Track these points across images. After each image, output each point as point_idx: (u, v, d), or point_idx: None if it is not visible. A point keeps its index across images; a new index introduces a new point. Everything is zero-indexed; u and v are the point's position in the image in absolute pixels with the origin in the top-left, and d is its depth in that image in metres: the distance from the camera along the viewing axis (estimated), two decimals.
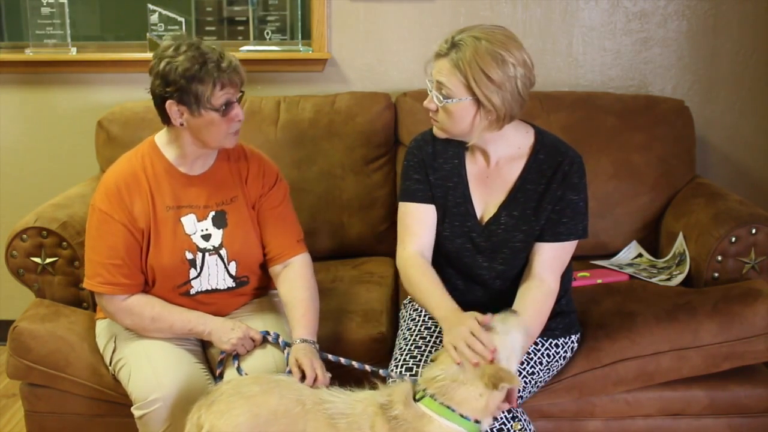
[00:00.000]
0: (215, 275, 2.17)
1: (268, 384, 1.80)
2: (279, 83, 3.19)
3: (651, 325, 2.30)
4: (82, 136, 3.14)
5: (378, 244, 2.93)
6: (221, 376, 2.09)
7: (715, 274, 2.51)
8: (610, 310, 2.39)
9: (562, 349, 2.18)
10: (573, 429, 2.35)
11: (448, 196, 2.10)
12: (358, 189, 2.91)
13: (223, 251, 2.16)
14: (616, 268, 2.73)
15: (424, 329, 2.17)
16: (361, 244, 2.94)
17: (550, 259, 2.04)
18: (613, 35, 3.15)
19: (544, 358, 2.12)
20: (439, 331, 2.09)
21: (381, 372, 1.96)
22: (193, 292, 2.16)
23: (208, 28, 3.42)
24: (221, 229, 2.16)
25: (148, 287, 2.16)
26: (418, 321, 2.21)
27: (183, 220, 2.13)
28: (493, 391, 1.70)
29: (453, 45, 1.93)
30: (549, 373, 2.16)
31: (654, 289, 2.53)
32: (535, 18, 3.14)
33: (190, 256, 2.13)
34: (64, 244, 2.44)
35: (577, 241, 2.07)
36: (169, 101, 2.02)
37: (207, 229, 2.15)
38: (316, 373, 1.92)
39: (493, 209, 2.08)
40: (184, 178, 2.15)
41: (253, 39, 3.28)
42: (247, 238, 2.19)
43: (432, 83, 1.99)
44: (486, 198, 2.09)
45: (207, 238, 2.15)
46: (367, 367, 2.01)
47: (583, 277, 2.65)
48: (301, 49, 3.20)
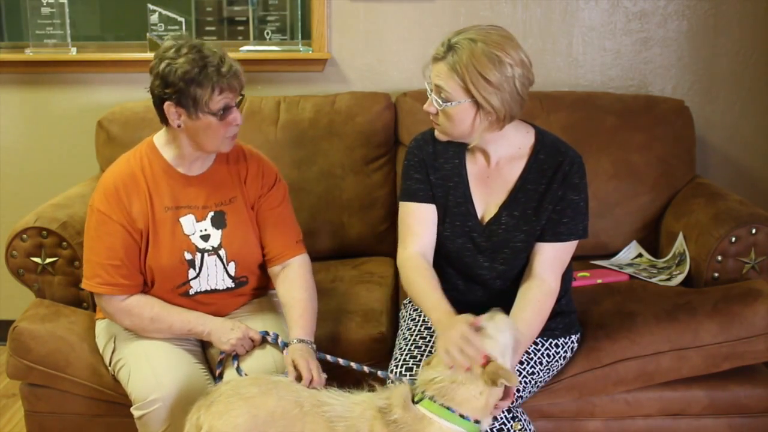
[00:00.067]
0: (214, 276, 2.17)
1: (267, 385, 1.80)
2: (279, 83, 3.19)
3: (651, 325, 2.30)
4: (82, 136, 3.14)
5: (378, 244, 2.93)
6: (221, 376, 2.08)
7: (715, 274, 2.51)
8: (610, 310, 2.38)
9: (562, 349, 2.18)
10: (573, 429, 2.35)
11: (449, 195, 2.09)
12: (358, 189, 2.91)
13: (222, 252, 2.16)
14: (616, 268, 2.73)
15: (424, 329, 2.17)
16: (361, 244, 2.93)
17: (551, 258, 2.04)
18: (613, 35, 3.15)
19: (544, 358, 2.12)
20: None
21: (380, 373, 1.96)
22: (192, 292, 2.16)
23: (208, 28, 3.42)
24: (220, 230, 2.16)
25: (147, 288, 2.15)
26: (418, 321, 2.21)
27: (182, 220, 2.13)
28: (492, 389, 1.71)
29: (449, 48, 1.93)
30: (549, 373, 2.16)
31: (654, 289, 2.53)
32: (535, 18, 3.14)
33: (189, 256, 2.13)
34: (64, 244, 2.44)
35: (578, 241, 2.07)
36: (167, 102, 2.02)
37: (206, 230, 2.15)
38: (312, 374, 1.92)
39: (493, 209, 2.08)
40: (182, 179, 2.14)
41: (253, 39, 3.28)
42: (246, 238, 2.19)
43: (431, 87, 1.99)
44: (487, 198, 2.09)
45: (206, 238, 2.15)
46: (366, 368, 2.00)
47: (583, 277, 2.64)
48: (301, 49, 3.19)
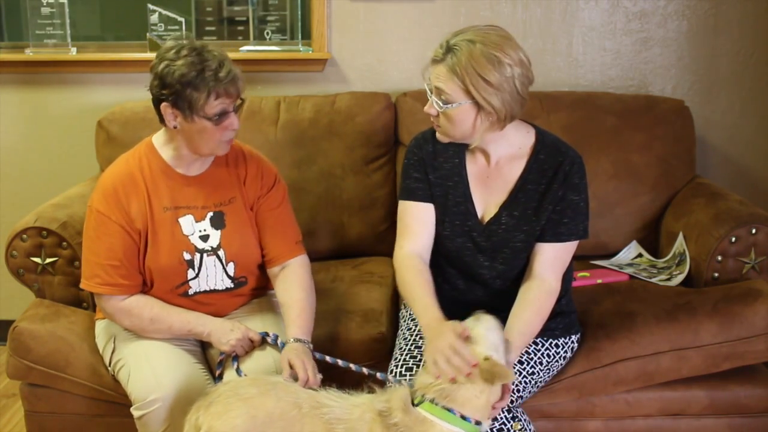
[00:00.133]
0: (213, 276, 2.17)
1: (266, 386, 1.80)
2: (279, 83, 3.19)
3: (651, 325, 2.30)
4: (82, 136, 3.14)
5: (378, 244, 2.93)
6: (221, 377, 2.08)
7: (715, 274, 2.51)
8: (610, 310, 2.38)
9: (562, 349, 2.17)
10: (573, 429, 2.35)
11: (448, 195, 2.09)
12: (358, 189, 2.91)
13: (221, 252, 2.16)
14: (616, 268, 2.73)
15: None
16: (361, 244, 2.93)
17: (551, 259, 2.04)
18: (613, 35, 3.15)
19: (544, 358, 2.12)
20: None
21: (378, 375, 1.95)
22: (191, 292, 2.16)
23: (208, 28, 3.42)
24: (219, 230, 2.16)
25: (146, 288, 2.15)
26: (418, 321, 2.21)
27: (181, 220, 2.13)
28: (491, 387, 1.71)
29: (448, 50, 1.92)
30: (549, 373, 2.16)
31: (654, 289, 2.53)
32: (535, 18, 3.13)
33: (188, 256, 2.13)
34: (64, 244, 2.44)
35: (578, 241, 2.07)
36: (164, 103, 2.02)
37: (205, 230, 2.15)
38: (307, 374, 1.91)
39: (493, 209, 2.08)
40: (181, 179, 2.14)
41: (253, 39, 3.27)
42: (245, 239, 2.19)
43: (430, 88, 1.99)
44: (487, 197, 2.09)
45: (205, 238, 2.15)
46: (365, 369, 1.99)
47: (583, 277, 2.64)
48: (301, 49, 3.19)
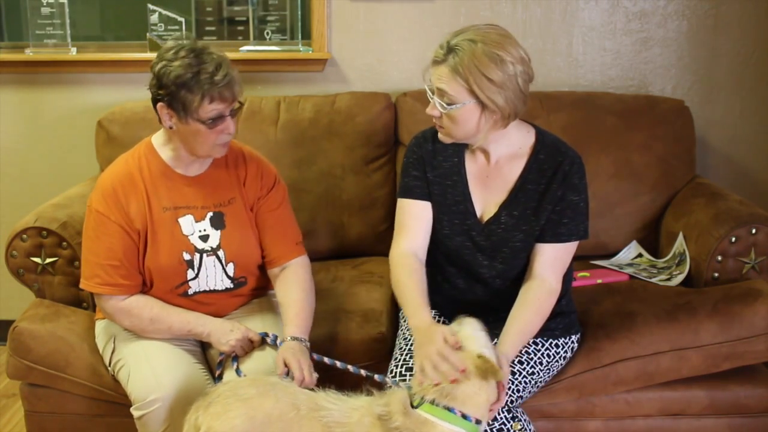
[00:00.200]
0: (213, 276, 2.17)
1: (265, 386, 1.80)
2: (279, 83, 3.19)
3: (651, 325, 2.30)
4: (82, 136, 3.14)
5: (378, 244, 2.92)
6: (220, 377, 2.08)
7: (715, 274, 2.51)
8: (610, 310, 2.38)
9: (562, 349, 2.17)
10: (573, 429, 2.35)
11: (447, 194, 2.09)
12: (358, 189, 2.91)
13: (221, 252, 2.16)
14: (616, 268, 2.73)
15: None
16: (361, 244, 2.93)
17: (552, 259, 2.04)
18: (613, 35, 3.15)
19: (544, 358, 2.12)
20: None
21: (376, 377, 1.94)
22: (191, 292, 2.16)
23: (208, 28, 3.42)
24: (219, 230, 2.16)
25: (146, 288, 2.15)
26: None
27: (180, 221, 2.13)
28: (487, 384, 1.73)
29: (449, 50, 1.92)
30: (549, 373, 2.15)
31: (654, 289, 2.53)
32: (535, 18, 3.13)
33: (187, 256, 2.13)
34: (64, 244, 2.44)
35: (578, 241, 2.07)
36: (160, 103, 2.03)
37: (205, 230, 2.15)
38: (303, 373, 1.91)
39: (493, 208, 2.08)
40: (180, 179, 2.14)
41: (253, 39, 3.27)
42: (245, 239, 2.19)
43: (432, 90, 1.98)
44: (486, 197, 2.09)
45: (205, 239, 2.15)
46: (363, 372, 1.98)
47: (583, 277, 2.64)
48: (301, 49, 3.19)
